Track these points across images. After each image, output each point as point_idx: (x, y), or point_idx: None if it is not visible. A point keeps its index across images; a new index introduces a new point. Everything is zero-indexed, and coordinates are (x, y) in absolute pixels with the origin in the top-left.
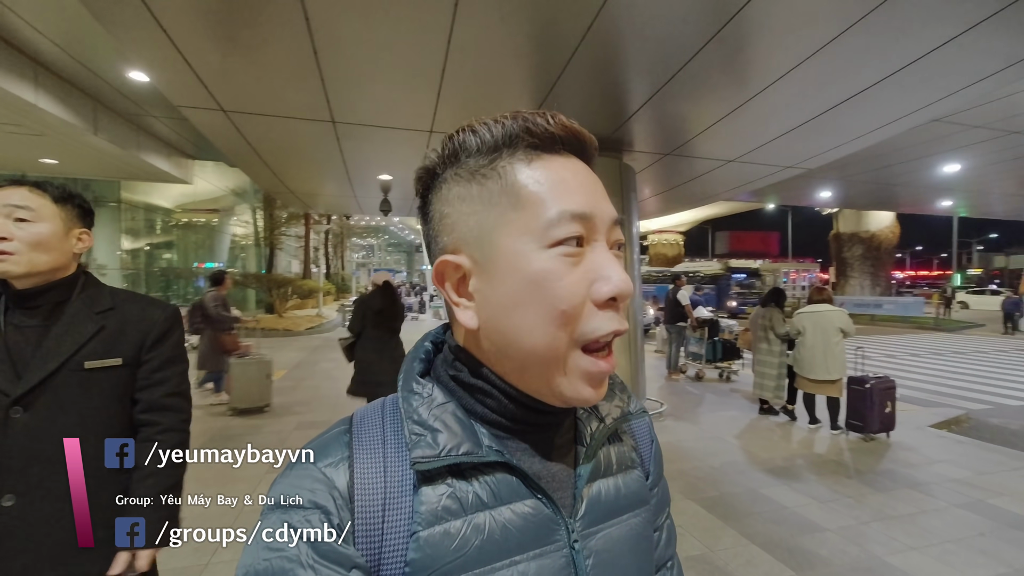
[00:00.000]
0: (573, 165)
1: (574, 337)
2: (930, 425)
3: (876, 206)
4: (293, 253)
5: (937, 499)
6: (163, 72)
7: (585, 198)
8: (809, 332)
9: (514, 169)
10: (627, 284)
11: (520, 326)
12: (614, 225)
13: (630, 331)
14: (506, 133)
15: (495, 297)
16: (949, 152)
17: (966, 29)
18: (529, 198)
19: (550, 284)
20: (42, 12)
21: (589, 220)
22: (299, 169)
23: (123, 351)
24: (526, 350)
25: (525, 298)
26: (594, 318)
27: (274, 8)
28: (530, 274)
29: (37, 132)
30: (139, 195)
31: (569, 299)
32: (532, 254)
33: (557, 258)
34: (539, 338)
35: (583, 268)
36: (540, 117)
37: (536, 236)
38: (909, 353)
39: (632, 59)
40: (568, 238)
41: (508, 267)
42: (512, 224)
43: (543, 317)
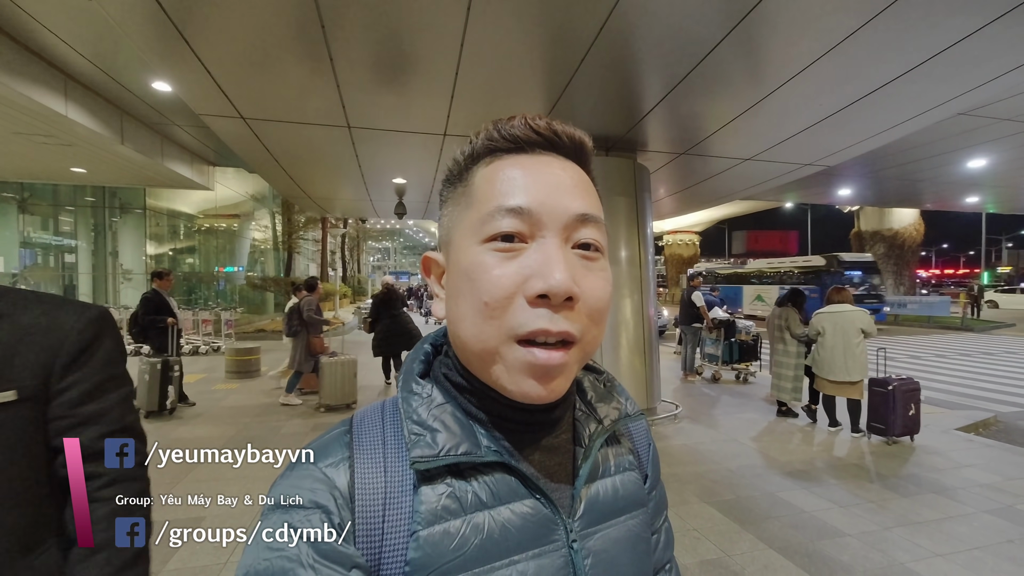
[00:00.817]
0: (536, 162)
1: (502, 330)
2: (957, 428)
3: (899, 203)
4: (310, 257)
5: (964, 504)
6: (186, 82)
7: (530, 193)
8: (829, 332)
9: (476, 172)
10: (562, 283)
11: (456, 316)
12: (578, 223)
13: (644, 333)
14: (479, 140)
15: (449, 289)
16: (976, 146)
17: (992, 19)
18: (477, 196)
19: (477, 276)
20: (73, 27)
21: (530, 215)
22: (316, 174)
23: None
24: (461, 339)
25: (459, 290)
26: (522, 313)
27: (291, 18)
28: (464, 266)
29: (67, 142)
30: (163, 202)
31: (491, 291)
32: (469, 248)
33: (488, 252)
34: (468, 328)
35: (519, 263)
36: (508, 121)
37: (476, 231)
38: (935, 354)
39: (645, 58)
40: (500, 233)
41: (455, 261)
42: (464, 221)
43: (470, 308)
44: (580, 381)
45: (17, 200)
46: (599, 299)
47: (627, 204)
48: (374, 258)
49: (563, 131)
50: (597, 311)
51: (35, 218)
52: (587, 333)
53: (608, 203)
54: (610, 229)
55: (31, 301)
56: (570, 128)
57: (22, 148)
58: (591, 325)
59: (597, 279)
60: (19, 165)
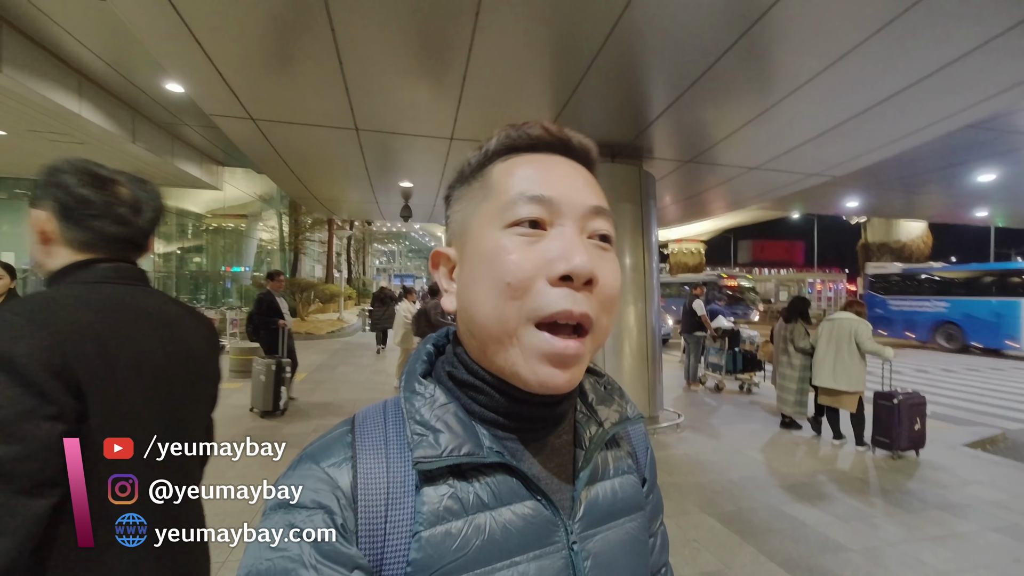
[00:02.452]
0: (550, 160)
1: (523, 312)
2: (963, 444)
3: (907, 215)
4: (316, 258)
5: (970, 522)
6: (197, 83)
7: (550, 184)
8: (823, 339)
9: (492, 168)
10: (585, 265)
11: (474, 300)
12: (593, 214)
13: (647, 341)
14: (496, 142)
15: (464, 278)
16: (985, 159)
17: (1002, 32)
18: (496, 187)
19: (500, 258)
20: (88, 27)
21: (550, 203)
22: (323, 175)
23: None
24: (479, 323)
25: (480, 273)
26: (545, 294)
27: (302, 21)
28: (485, 251)
29: (80, 141)
30: (172, 200)
31: (515, 272)
32: (490, 233)
33: (511, 236)
34: (488, 311)
35: (541, 247)
36: (525, 124)
37: (496, 218)
38: (942, 368)
39: (652, 66)
40: (524, 219)
41: (473, 248)
42: (482, 212)
43: (492, 290)
44: (581, 383)
45: (29, 197)
46: (612, 287)
47: (632, 211)
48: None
49: (574, 136)
50: (610, 299)
51: None
52: (600, 320)
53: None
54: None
55: None
56: (579, 135)
57: (36, 146)
58: (603, 313)
59: (611, 267)
60: (33, 162)
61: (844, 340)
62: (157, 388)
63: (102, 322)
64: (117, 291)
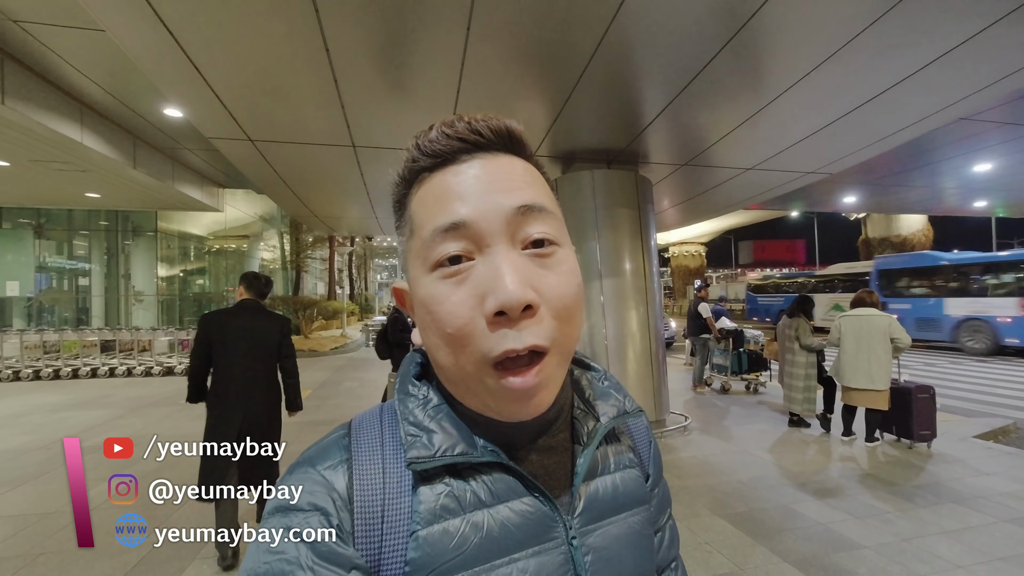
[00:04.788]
0: (461, 171)
1: (475, 358)
2: (975, 436)
3: (906, 209)
4: (318, 275)
5: (984, 514)
6: (196, 107)
7: (462, 204)
8: (851, 338)
9: (412, 197)
10: (512, 295)
11: (430, 347)
12: (519, 217)
13: (650, 345)
14: (406, 165)
15: (416, 321)
16: (980, 151)
17: (991, 23)
18: (416, 223)
19: (433, 309)
20: (88, 57)
21: (467, 228)
22: (322, 193)
23: None
24: (441, 368)
25: (424, 323)
26: (486, 338)
27: (297, 43)
28: (420, 300)
29: (82, 168)
30: (174, 224)
31: (452, 322)
32: (420, 279)
33: (437, 281)
34: (443, 359)
35: (470, 285)
36: (426, 134)
37: (421, 260)
38: (949, 360)
39: (644, 71)
40: (444, 258)
41: (413, 294)
42: (411, 253)
43: (439, 341)
44: (578, 379)
45: (33, 226)
46: (563, 296)
47: (630, 216)
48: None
49: (485, 127)
50: (564, 309)
51: (51, 243)
52: (559, 335)
53: (611, 215)
54: (614, 241)
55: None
56: (494, 120)
57: (39, 175)
58: (561, 325)
59: (557, 276)
60: (36, 191)
61: (878, 338)
62: (238, 341)
63: (225, 316)
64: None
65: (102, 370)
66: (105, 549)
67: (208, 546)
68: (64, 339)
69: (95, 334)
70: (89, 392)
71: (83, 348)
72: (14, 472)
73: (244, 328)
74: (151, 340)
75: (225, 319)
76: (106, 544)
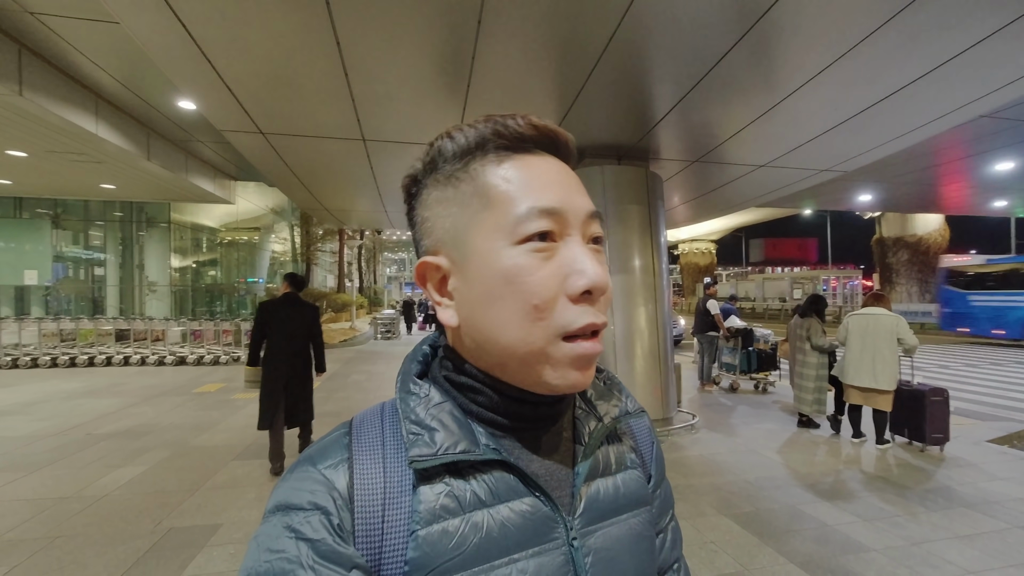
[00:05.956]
0: (545, 162)
1: (550, 331)
2: (988, 440)
3: (922, 208)
4: (328, 268)
5: (997, 519)
6: (208, 100)
7: (555, 193)
8: (856, 336)
9: (485, 170)
10: (601, 277)
11: (495, 322)
12: (590, 219)
13: (659, 342)
14: (478, 136)
15: (472, 295)
16: (1000, 149)
17: (1014, 18)
18: (499, 196)
19: (521, 279)
20: (103, 49)
21: (560, 215)
22: (332, 186)
23: None
24: (502, 345)
25: (498, 294)
26: (568, 312)
27: (308, 37)
28: (502, 270)
29: (97, 160)
30: (187, 216)
31: (541, 293)
32: (503, 251)
33: (527, 254)
34: (514, 333)
35: (556, 263)
36: (510, 119)
37: (506, 233)
38: (965, 363)
39: (656, 66)
40: (537, 233)
41: (482, 265)
42: (484, 223)
43: (516, 312)
44: None
45: (50, 216)
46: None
47: (640, 212)
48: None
49: (560, 132)
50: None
51: (67, 233)
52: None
53: (621, 212)
54: (623, 238)
55: None
56: (562, 129)
57: (55, 166)
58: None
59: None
60: (52, 182)
61: (884, 338)
62: (284, 322)
63: (276, 303)
64: (286, 299)
65: (116, 358)
66: (118, 534)
67: (219, 534)
68: (80, 328)
69: (110, 323)
70: (103, 380)
71: (98, 337)
72: (31, 457)
73: (287, 313)
74: (164, 330)
75: (275, 307)
76: (119, 530)
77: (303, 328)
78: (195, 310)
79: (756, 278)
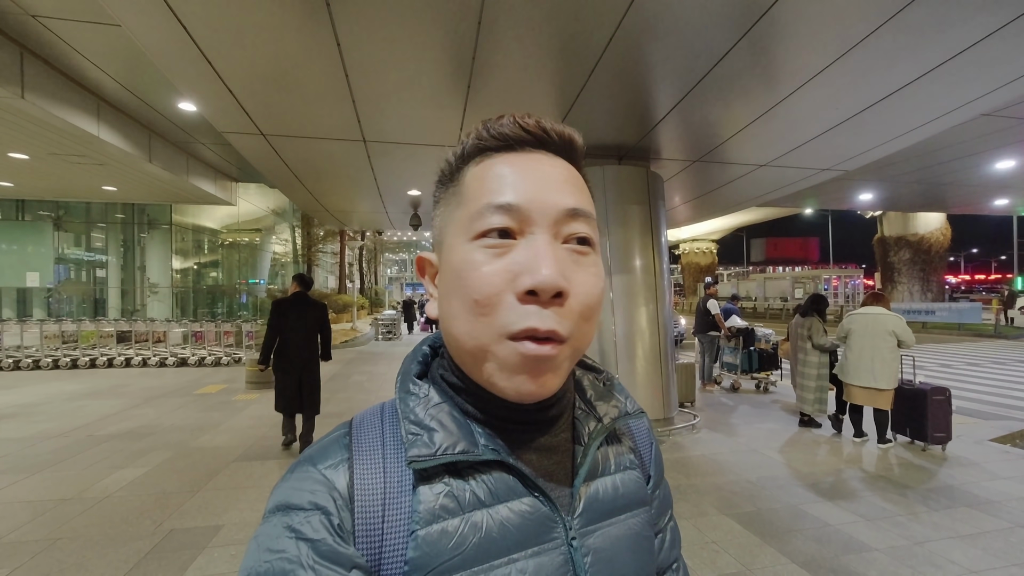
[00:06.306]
0: (525, 160)
1: (494, 329)
2: (991, 439)
3: (924, 207)
4: (329, 269)
5: (1000, 519)
6: (209, 102)
7: (519, 190)
8: (857, 335)
9: (466, 171)
10: (549, 278)
11: (449, 315)
12: (568, 217)
13: (659, 342)
14: (470, 140)
15: (441, 288)
16: (1002, 148)
17: (1013, 18)
18: (467, 195)
19: (466, 274)
20: (104, 52)
21: (519, 211)
22: (333, 187)
23: None
24: (454, 337)
25: (451, 288)
26: (512, 311)
27: (308, 38)
28: (454, 264)
29: (99, 162)
30: (188, 217)
31: (480, 289)
32: (460, 246)
33: (478, 249)
34: (460, 326)
35: (507, 260)
36: (498, 120)
37: (466, 228)
38: (966, 362)
39: (656, 66)
40: (495, 229)
41: (446, 259)
42: (455, 221)
43: (462, 307)
44: (580, 380)
45: (52, 218)
46: (589, 295)
47: (641, 212)
48: (391, 270)
49: (552, 128)
50: (588, 308)
51: (69, 235)
52: (577, 330)
53: (622, 212)
54: (624, 238)
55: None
56: (560, 126)
57: (57, 168)
58: (582, 322)
59: (588, 275)
60: (54, 184)
61: (882, 337)
62: (295, 319)
63: (288, 301)
64: (297, 297)
65: (118, 360)
66: (120, 536)
67: (219, 535)
68: (82, 329)
69: (112, 325)
70: (105, 382)
71: (100, 338)
72: (33, 459)
73: (298, 311)
74: (166, 332)
75: (287, 305)
76: (120, 531)
77: (314, 323)
78: (197, 311)
79: (757, 277)
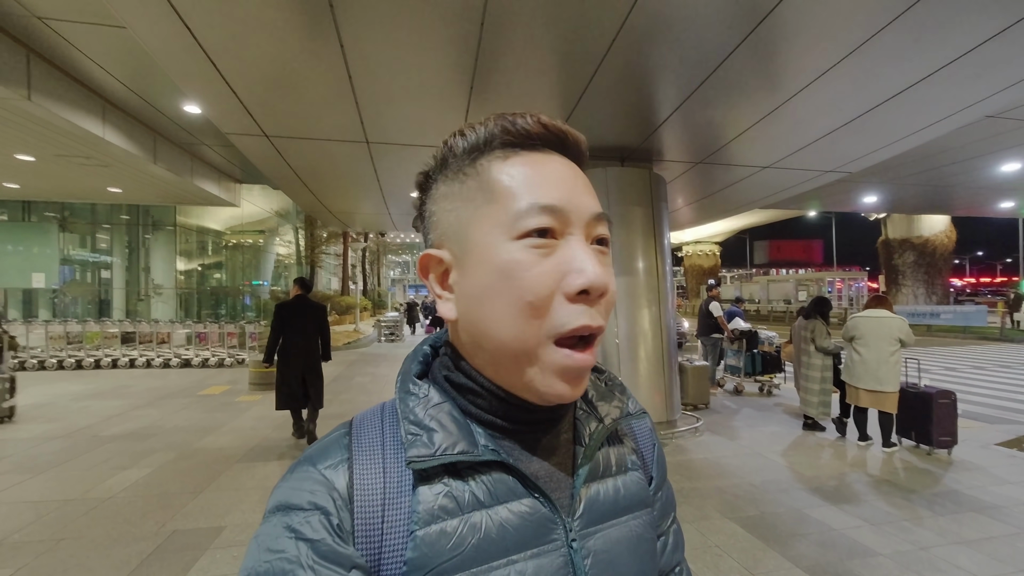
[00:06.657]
0: (551, 160)
1: (543, 330)
2: (997, 443)
3: (928, 210)
4: (332, 271)
5: (1007, 524)
6: (214, 104)
7: (558, 191)
8: (863, 338)
9: (491, 166)
10: (600, 277)
11: (490, 317)
12: (595, 221)
13: (662, 344)
14: (487, 133)
15: (469, 289)
16: (1007, 150)
17: (1017, 20)
18: (501, 192)
19: (517, 275)
20: (110, 54)
21: (561, 213)
22: (336, 189)
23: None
24: (496, 342)
25: (494, 289)
26: (563, 311)
27: (312, 40)
28: (498, 265)
29: (104, 163)
30: (192, 219)
31: (535, 290)
32: (501, 245)
33: (525, 249)
34: (507, 329)
35: (554, 260)
36: (520, 116)
37: (505, 228)
38: (972, 366)
39: (659, 68)
40: (536, 229)
41: (480, 259)
42: (485, 218)
43: (511, 308)
44: None
45: (58, 219)
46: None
47: (643, 214)
48: (394, 272)
49: (570, 131)
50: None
51: (74, 236)
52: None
53: (624, 213)
54: (627, 240)
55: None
56: (573, 129)
57: (63, 170)
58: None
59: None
60: (60, 186)
61: (886, 339)
62: (297, 320)
63: (290, 305)
64: (298, 300)
65: (122, 361)
66: (123, 537)
67: (222, 536)
68: (87, 330)
69: (116, 326)
70: (109, 382)
71: (104, 339)
72: (37, 459)
73: (300, 313)
74: (170, 333)
75: (290, 307)
76: (123, 532)
77: (315, 325)
78: (200, 312)
79: (761, 280)
